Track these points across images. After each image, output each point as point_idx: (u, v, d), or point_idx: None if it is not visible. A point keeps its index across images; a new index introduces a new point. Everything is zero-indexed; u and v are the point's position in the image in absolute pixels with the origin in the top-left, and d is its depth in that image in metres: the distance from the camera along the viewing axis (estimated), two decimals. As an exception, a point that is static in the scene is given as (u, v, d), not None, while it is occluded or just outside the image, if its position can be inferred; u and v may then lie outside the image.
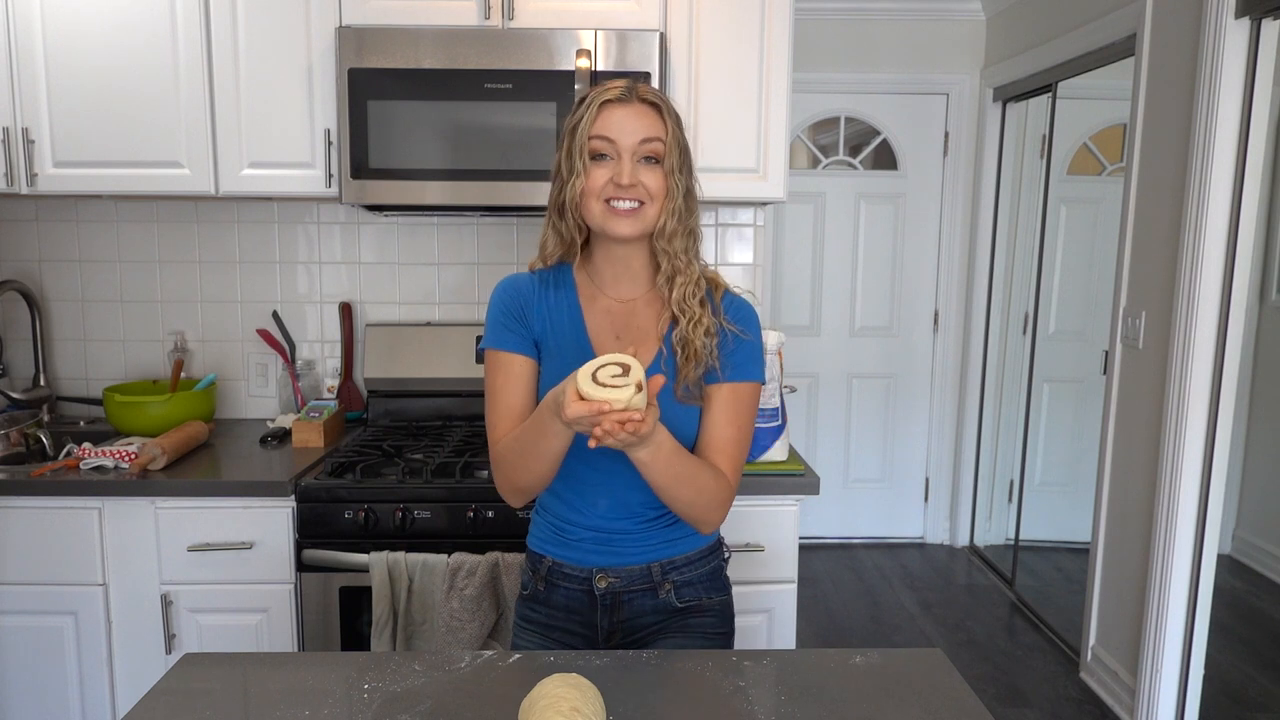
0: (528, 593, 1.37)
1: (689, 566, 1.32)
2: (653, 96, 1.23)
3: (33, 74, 2.01)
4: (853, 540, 4.17)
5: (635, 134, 1.20)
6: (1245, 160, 2.21)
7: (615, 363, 1.04)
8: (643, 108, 1.21)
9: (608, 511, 1.29)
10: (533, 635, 1.34)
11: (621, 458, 1.17)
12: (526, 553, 1.39)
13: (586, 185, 1.20)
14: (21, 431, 2.18)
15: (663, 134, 1.21)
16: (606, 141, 1.20)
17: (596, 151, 1.20)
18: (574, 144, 1.21)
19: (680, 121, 1.25)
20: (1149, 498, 2.50)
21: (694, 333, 1.22)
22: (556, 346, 1.28)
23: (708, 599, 1.33)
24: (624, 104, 1.21)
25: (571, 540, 1.31)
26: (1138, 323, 2.56)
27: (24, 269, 2.40)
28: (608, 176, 1.20)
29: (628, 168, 1.19)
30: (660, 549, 1.30)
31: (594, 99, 1.22)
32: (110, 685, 1.91)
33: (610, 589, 1.29)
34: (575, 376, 1.04)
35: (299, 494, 1.83)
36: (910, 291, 4.02)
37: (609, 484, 1.27)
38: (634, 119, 1.20)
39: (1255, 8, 2.13)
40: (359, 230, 2.42)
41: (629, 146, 1.20)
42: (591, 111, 1.20)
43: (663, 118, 1.22)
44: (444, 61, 1.97)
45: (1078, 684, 2.86)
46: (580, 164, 1.20)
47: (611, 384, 1.01)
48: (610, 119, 1.20)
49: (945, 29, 3.81)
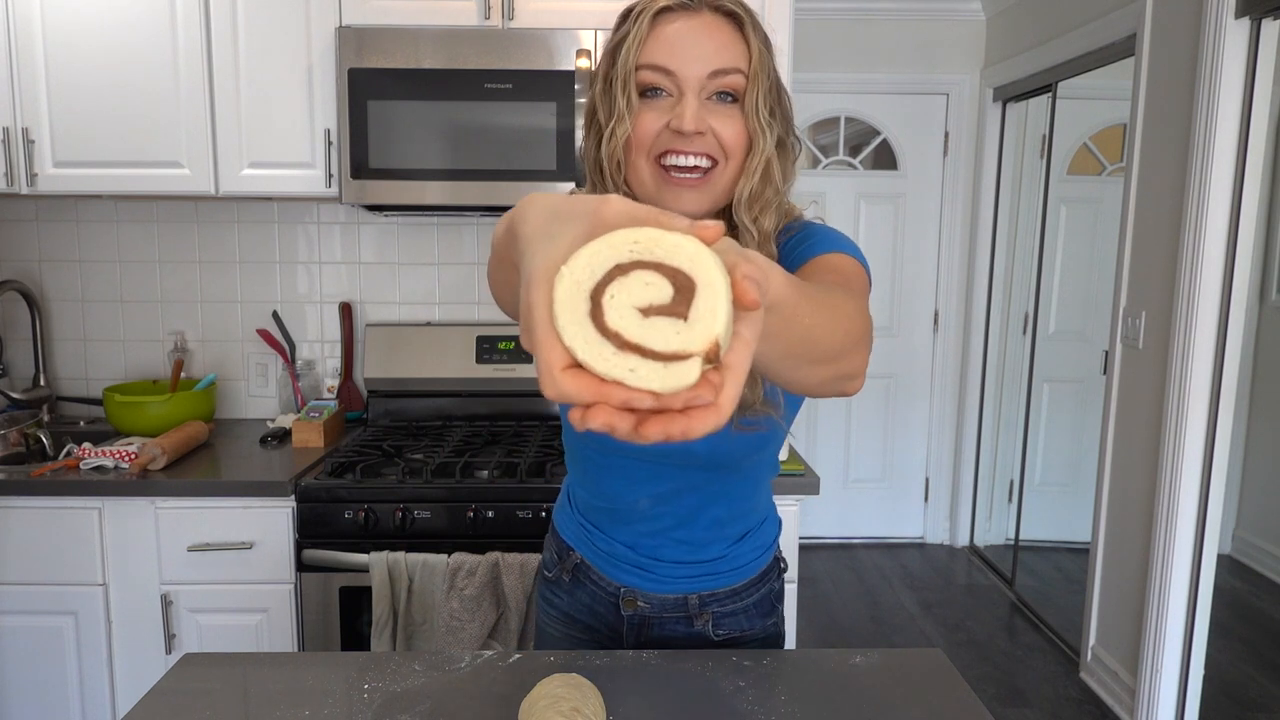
0: (551, 575, 1.18)
1: (732, 599, 1.10)
2: (731, 4, 0.87)
3: (33, 74, 2.01)
4: (853, 540, 4.17)
5: (704, 60, 0.85)
6: (1245, 160, 2.21)
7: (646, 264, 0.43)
8: (716, 20, 0.86)
9: (649, 512, 1.06)
10: (555, 623, 1.18)
11: (667, 466, 0.97)
12: (551, 530, 1.21)
13: (633, 134, 0.85)
14: (21, 431, 2.18)
15: (743, 61, 0.86)
16: (661, 73, 0.85)
17: (647, 85, 0.85)
18: (613, 72, 0.86)
19: (769, 43, 0.90)
20: (1149, 498, 2.50)
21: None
22: None
23: (751, 628, 1.12)
24: (689, 13, 0.86)
25: (601, 549, 1.11)
26: (1138, 323, 2.56)
27: (24, 269, 2.40)
28: (662, 122, 0.85)
29: (691, 107, 0.84)
30: (701, 581, 1.09)
31: (645, 6, 0.86)
32: (110, 685, 1.91)
33: (639, 612, 1.11)
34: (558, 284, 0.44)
35: (299, 494, 1.83)
36: (910, 291, 4.02)
37: (653, 485, 1.04)
38: (703, 37, 0.85)
39: (1255, 8, 2.13)
40: (359, 230, 2.42)
41: (695, 79, 0.85)
42: (641, 27, 0.85)
43: (744, 35, 0.87)
44: (444, 61, 1.97)
45: (1078, 684, 2.86)
46: (623, 102, 0.85)
47: (638, 337, 0.43)
48: (667, 38, 0.85)
49: (945, 29, 3.81)
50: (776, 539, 1.19)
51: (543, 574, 1.22)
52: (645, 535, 1.08)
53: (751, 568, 1.12)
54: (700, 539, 1.08)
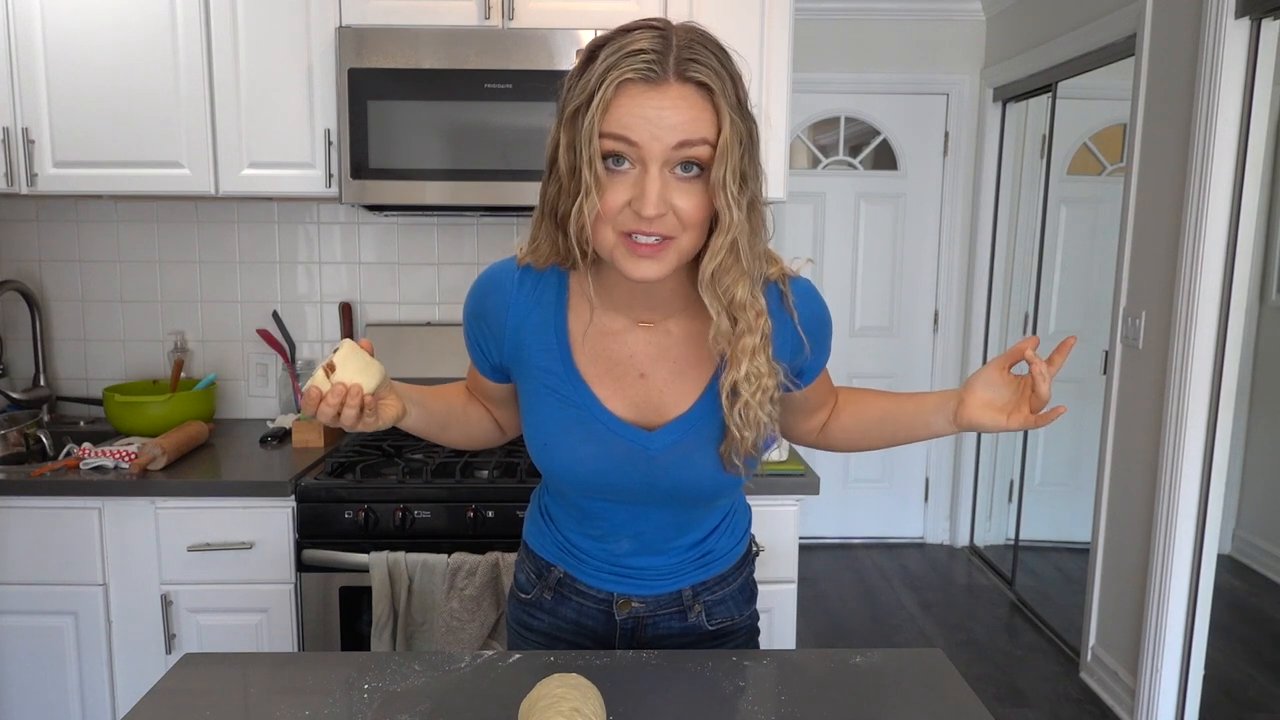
0: (528, 597, 1.17)
1: (721, 584, 1.15)
2: (701, 74, 0.82)
3: (33, 74, 2.01)
4: (853, 540, 4.17)
5: (669, 136, 0.82)
6: (1245, 160, 2.21)
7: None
8: (683, 91, 0.82)
9: (632, 551, 1.10)
10: (534, 647, 1.17)
11: (649, 502, 1.03)
12: (524, 550, 1.19)
13: (601, 208, 0.85)
14: (21, 431, 2.18)
15: (710, 133, 0.83)
16: (625, 143, 0.82)
17: (610, 152, 0.83)
18: (577, 138, 0.83)
19: (741, 98, 0.85)
20: (1149, 498, 2.50)
21: (760, 404, 0.94)
22: (539, 379, 1.01)
23: (739, 616, 1.18)
24: (654, 85, 0.81)
25: (587, 567, 1.12)
26: (1138, 323, 2.56)
27: (24, 269, 2.40)
28: (626, 198, 0.84)
29: (654, 191, 0.82)
30: (693, 574, 1.12)
31: (608, 75, 0.81)
32: (110, 685, 1.91)
33: (633, 614, 1.12)
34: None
35: (299, 494, 1.83)
36: (910, 291, 4.02)
37: (633, 524, 1.07)
38: (668, 111, 0.81)
39: (1255, 8, 2.13)
40: (359, 230, 2.42)
41: (657, 154, 0.82)
42: (605, 95, 0.81)
43: (714, 104, 0.83)
44: (444, 61, 1.97)
45: (1078, 684, 2.86)
46: (589, 176, 0.83)
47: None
48: (630, 108, 0.81)
49: (945, 29, 3.81)
50: (749, 526, 1.23)
51: (517, 597, 1.19)
52: (630, 556, 1.11)
53: (732, 554, 1.17)
54: (679, 541, 1.12)
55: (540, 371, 1.01)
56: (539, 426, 1.03)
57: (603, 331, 1.00)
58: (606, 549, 1.11)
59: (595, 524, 1.09)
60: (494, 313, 1.02)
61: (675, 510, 1.08)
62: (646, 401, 1.01)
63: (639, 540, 1.09)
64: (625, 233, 0.86)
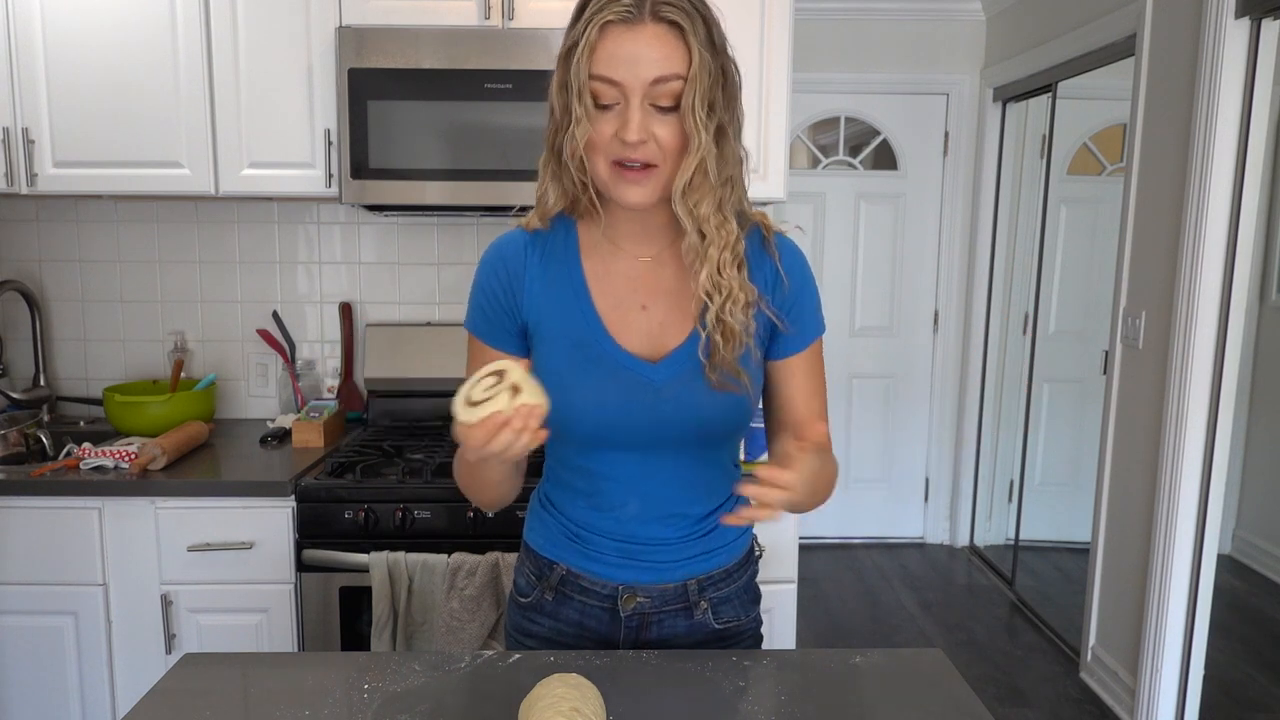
0: (528, 600, 1.16)
1: (727, 580, 1.15)
2: (673, 14, 0.93)
3: (33, 74, 2.01)
4: (853, 540, 4.17)
5: (645, 71, 0.92)
6: (1245, 160, 2.21)
7: (490, 373, 0.91)
8: (658, 30, 0.92)
9: (640, 514, 1.09)
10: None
11: (655, 448, 1.05)
12: (524, 551, 1.19)
13: (591, 138, 0.96)
14: (21, 431, 2.18)
15: (683, 68, 0.93)
16: (609, 84, 0.93)
17: (598, 95, 0.94)
18: (568, 77, 0.95)
19: (715, 38, 0.96)
20: (1149, 498, 2.50)
21: (731, 313, 1.00)
22: (558, 330, 1.06)
23: (745, 617, 1.18)
24: (632, 25, 0.92)
25: (592, 550, 1.11)
26: (1138, 323, 2.56)
27: (24, 269, 2.40)
28: (614, 129, 0.95)
29: (635, 119, 0.93)
30: (699, 561, 1.12)
31: (593, 18, 0.93)
32: (110, 685, 1.91)
33: (638, 610, 1.12)
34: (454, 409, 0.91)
35: (299, 494, 1.83)
36: (910, 291, 4.02)
37: (641, 483, 1.08)
38: (644, 48, 0.92)
39: (1255, 8, 2.13)
40: (359, 230, 2.42)
41: (638, 88, 0.93)
42: (590, 36, 0.92)
43: (686, 42, 0.93)
44: (444, 61, 1.97)
45: (1078, 684, 2.86)
46: (580, 110, 0.94)
47: (486, 397, 0.89)
48: (612, 50, 0.92)
49: (945, 29, 3.81)
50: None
51: (516, 601, 1.19)
52: (638, 523, 1.10)
53: (736, 546, 1.16)
54: (685, 509, 1.11)
55: (560, 319, 1.06)
56: (557, 371, 1.04)
57: (609, 269, 1.07)
58: (613, 519, 1.10)
59: (601, 488, 1.09)
60: (513, 275, 1.08)
61: (681, 459, 1.08)
62: (649, 334, 1.06)
63: (646, 502, 1.09)
64: (616, 161, 0.96)
